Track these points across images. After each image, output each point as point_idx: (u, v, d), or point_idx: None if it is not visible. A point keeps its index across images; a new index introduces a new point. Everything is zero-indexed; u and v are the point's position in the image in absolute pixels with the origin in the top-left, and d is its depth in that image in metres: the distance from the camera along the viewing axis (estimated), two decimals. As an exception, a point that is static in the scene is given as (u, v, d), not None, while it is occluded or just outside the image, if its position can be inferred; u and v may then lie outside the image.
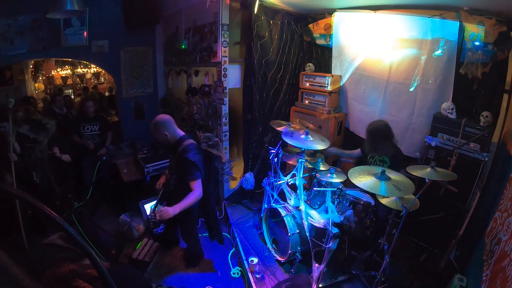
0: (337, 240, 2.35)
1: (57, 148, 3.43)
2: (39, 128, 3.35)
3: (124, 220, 3.45)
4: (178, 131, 2.60)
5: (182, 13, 4.45)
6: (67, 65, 7.78)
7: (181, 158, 2.44)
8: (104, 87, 8.16)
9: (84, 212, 3.66)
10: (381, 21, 3.27)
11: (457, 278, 2.22)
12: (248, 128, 4.14)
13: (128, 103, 5.24)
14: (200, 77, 4.31)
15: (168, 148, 2.65)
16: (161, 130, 2.49)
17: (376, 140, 2.87)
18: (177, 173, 2.59)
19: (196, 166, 2.44)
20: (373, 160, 2.98)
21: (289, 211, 2.88)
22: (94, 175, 3.84)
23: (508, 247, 1.64)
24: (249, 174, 4.06)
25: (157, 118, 2.54)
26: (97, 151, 4.04)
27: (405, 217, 2.18)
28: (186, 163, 2.41)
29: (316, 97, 3.94)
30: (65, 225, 0.76)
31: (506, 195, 2.00)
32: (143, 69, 5.20)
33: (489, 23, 2.57)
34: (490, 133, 2.63)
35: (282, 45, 4.00)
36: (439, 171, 2.20)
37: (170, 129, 2.53)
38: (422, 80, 3.12)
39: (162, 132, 2.48)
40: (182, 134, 2.60)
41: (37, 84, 7.06)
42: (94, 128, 4.12)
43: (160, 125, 2.50)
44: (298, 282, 2.53)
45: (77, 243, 0.78)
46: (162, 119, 2.54)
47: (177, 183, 2.60)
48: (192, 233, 2.87)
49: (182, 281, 2.85)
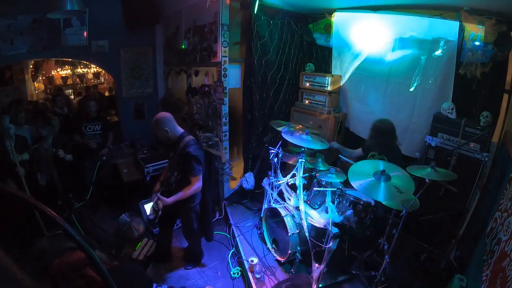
0: (337, 240, 2.35)
1: (62, 151, 3.44)
2: (45, 122, 3.36)
3: (124, 220, 3.45)
4: (178, 128, 2.63)
5: (182, 13, 4.45)
6: (67, 65, 7.76)
7: (183, 153, 2.48)
8: (104, 87, 8.15)
9: (84, 212, 3.67)
10: (381, 21, 3.27)
11: (457, 278, 2.21)
12: (248, 128, 4.14)
13: (128, 103, 5.23)
14: (200, 77, 4.31)
15: (168, 146, 2.67)
16: (162, 126, 2.52)
17: (380, 138, 2.88)
18: (178, 170, 2.62)
19: (198, 160, 2.50)
20: (373, 159, 2.98)
21: (289, 211, 2.88)
22: (94, 175, 3.84)
23: (508, 247, 1.64)
24: (249, 174, 4.06)
25: (157, 115, 2.58)
26: (98, 151, 4.04)
27: (405, 217, 2.19)
28: (188, 158, 2.46)
29: (316, 97, 3.94)
30: (65, 225, 0.76)
31: (506, 195, 2.00)
32: (143, 69, 5.19)
33: (489, 23, 2.57)
34: (490, 133, 2.64)
35: (282, 45, 4.00)
36: (439, 171, 2.20)
37: (170, 125, 2.56)
38: (422, 80, 3.12)
39: (163, 128, 2.52)
40: (182, 131, 2.64)
41: (37, 84, 7.04)
42: (96, 128, 4.12)
43: (160, 122, 2.53)
44: (298, 282, 2.53)
45: (78, 243, 0.78)
46: (162, 116, 2.57)
47: (179, 179, 2.63)
48: (193, 231, 2.88)
49: (182, 281, 2.86)
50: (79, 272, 1.61)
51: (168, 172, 2.76)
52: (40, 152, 3.30)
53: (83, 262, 1.61)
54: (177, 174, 2.64)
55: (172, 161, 2.67)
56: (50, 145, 3.38)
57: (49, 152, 3.37)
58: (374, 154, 2.98)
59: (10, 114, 3.20)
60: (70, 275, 1.60)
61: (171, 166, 2.72)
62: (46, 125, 3.39)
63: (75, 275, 1.61)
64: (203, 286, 2.80)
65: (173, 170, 2.68)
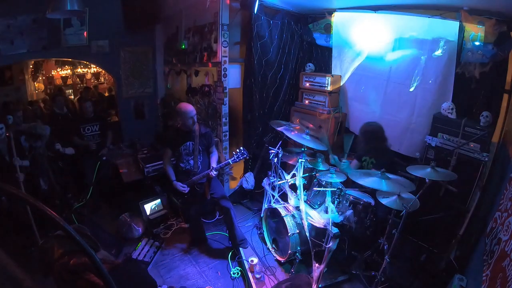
0: (337, 240, 2.35)
1: (59, 144, 3.42)
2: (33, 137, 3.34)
3: (124, 220, 3.45)
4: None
5: (182, 13, 4.45)
6: (67, 65, 7.76)
7: (202, 134, 3.00)
8: (104, 87, 8.15)
9: (84, 212, 3.67)
10: (381, 21, 3.27)
11: (457, 278, 2.22)
12: (248, 128, 4.14)
13: (128, 103, 5.23)
14: (200, 77, 4.31)
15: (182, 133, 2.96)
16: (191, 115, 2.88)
17: (369, 141, 2.89)
18: (202, 150, 3.01)
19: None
20: (365, 163, 2.98)
21: (289, 211, 2.88)
22: (94, 175, 3.84)
23: (508, 247, 1.64)
24: (249, 174, 4.06)
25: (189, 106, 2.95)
26: (97, 151, 4.03)
27: (405, 217, 2.19)
28: (208, 134, 3.08)
29: (316, 97, 3.94)
30: (65, 225, 0.76)
31: (506, 195, 2.00)
32: (143, 69, 5.20)
33: (489, 23, 2.57)
34: (490, 133, 2.63)
35: (282, 45, 4.00)
36: (439, 171, 2.19)
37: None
38: (422, 80, 3.12)
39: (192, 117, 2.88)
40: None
41: (37, 84, 7.05)
42: (94, 129, 4.11)
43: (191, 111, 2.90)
44: (298, 282, 2.53)
45: (78, 243, 0.78)
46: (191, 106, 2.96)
47: (202, 160, 3.03)
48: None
49: (182, 281, 2.86)
50: (78, 275, 1.61)
51: (192, 160, 2.99)
52: (36, 157, 3.28)
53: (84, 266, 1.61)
54: (200, 155, 3.00)
55: (194, 147, 2.96)
56: (44, 149, 3.35)
57: (45, 153, 3.35)
58: (365, 158, 2.98)
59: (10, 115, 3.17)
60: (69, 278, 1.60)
61: (193, 152, 2.98)
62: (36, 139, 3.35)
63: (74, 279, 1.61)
64: (203, 286, 2.80)
65: (196, 154, 2.97)
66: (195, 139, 2.95)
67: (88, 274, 1.62)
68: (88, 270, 1.62)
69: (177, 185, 2.91)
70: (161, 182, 3.90)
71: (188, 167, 3.00)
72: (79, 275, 1.61)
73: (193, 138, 2.96)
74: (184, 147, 2.95)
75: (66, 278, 1.61)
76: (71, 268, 1.61)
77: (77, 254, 1.64)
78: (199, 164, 3.00)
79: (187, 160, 2.99)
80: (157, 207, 3.73)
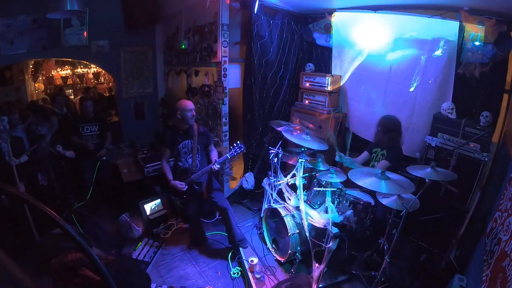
0: (337, 240, 2.35)
1: (61, 146, 3.42)
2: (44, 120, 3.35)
3: (124, 220, 3.45)
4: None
5: (182, 13, 4.45)
6: (67, 65, 7.75)
7: (201, 132, 3.03)
8: (104, 87, 8.14)
9: (84, 212, 3.67)
10: (381, 21, 3.27)
11: (457, 278, 2.22)
12: (248, 128, 4.14)
13: (128, 103, 5.23)
14: (200, 77, 4.31)
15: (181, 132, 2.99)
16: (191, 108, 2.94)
17: (387, 133, 2.89)
18: (200, 148, 3.02)
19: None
20: (375, 155, 2.98)
21: (289, 211, 2.88)
22: (94, 175, 3.84)
23: (508, 247, 1.64)
24: (249, 174, 4.06)
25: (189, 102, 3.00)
26: (97, 151, 4.03)
27: (405, 217, 2.19)
28: (207, 132, 3.13)
29: (316, 97, 3.94)
30: (64, 224, 0.76)
31: (506, 195, 2.00)
32: (143, 69, 5.19)
33: (489, 23, 2.57)
34: (490, 133, 2.64)
35: (282, 45, 3.99)
36: (439, 171, 2.19)
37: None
38: (422, 80, 3.12)
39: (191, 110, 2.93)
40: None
41: (37, 84, 7.04)
42: (93, 129, 4.11)
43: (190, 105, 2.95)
44: (298, 282, 2.52)
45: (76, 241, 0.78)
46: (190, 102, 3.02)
47: (201, 159, 3.04)
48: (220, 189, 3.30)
49: (182, 281, 2.85)
50: (74, 271, 1.62)
51: (191, 159, 3.01)
52: (39, 151, 3.28)
53: (79, 262, 1.63)
54: (199, 154, 3.02)
55: (193, 146, 2.99)
56: (48, 144, 3.36)
57: (47, 151, 3.35)
58: (376, 150, 2.99)
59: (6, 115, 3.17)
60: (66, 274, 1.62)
61: (192, 150, 3.00)
62: (44, 123, 3.38)
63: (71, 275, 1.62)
64: (203, 286, 2.80)
65: (195, 153, 2.99)
66: (194, 137, 2.97)
67: (83, 270, 1.64)
68: (84, 265, 1.64)
69: (176, 184, 2.92)
70: (161, 182, 3.89)
71: (187, 165, 3.01)
72: (75, 271, 1.63)
73: (192, 137, 2.98)
74: (182, 145, 2.97)
75: (62, 274, 1.62)
76: (68, 264, 1.63)
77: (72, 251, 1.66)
78: (197, 163, 3.02)
79: (186, 158, 3.01)
80: (157, 207, 3.73)
